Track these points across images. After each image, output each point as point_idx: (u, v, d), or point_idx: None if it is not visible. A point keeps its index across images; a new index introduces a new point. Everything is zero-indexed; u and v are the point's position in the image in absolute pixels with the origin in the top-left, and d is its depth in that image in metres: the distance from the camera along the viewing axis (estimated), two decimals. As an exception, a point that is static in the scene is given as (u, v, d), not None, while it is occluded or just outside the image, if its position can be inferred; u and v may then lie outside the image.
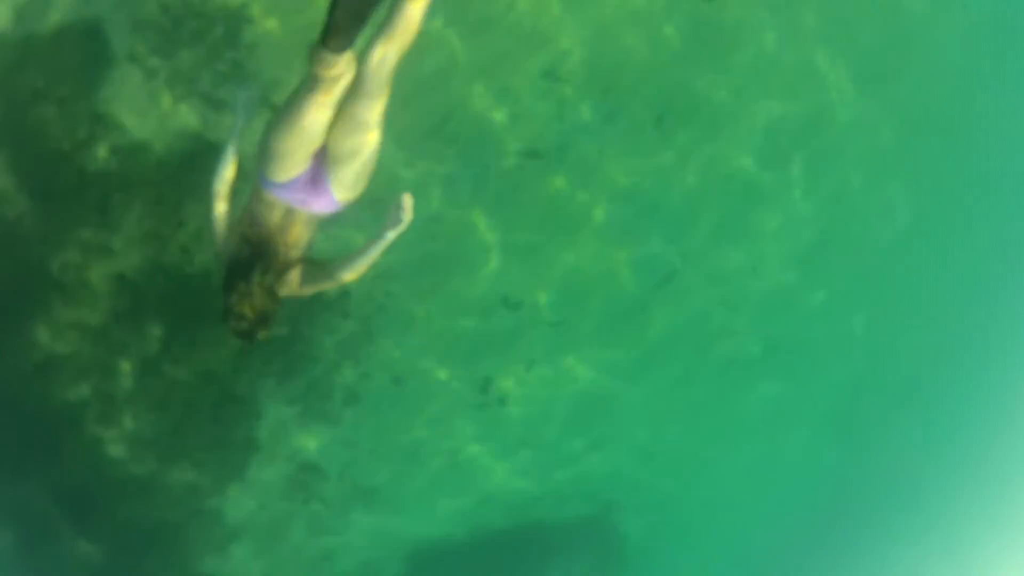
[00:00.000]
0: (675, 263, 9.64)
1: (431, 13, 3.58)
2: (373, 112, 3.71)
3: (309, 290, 4.06)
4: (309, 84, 3.59)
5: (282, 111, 3.68)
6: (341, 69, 3.53)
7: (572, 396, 10.34)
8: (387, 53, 3.61)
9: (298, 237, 3.93)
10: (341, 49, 3.44)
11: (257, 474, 9.38)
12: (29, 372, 8.36)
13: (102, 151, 7.18)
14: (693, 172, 9.03)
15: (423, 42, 3.63)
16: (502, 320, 9.02)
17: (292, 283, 3.96)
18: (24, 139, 7.16)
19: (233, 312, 3.73)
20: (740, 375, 11.61)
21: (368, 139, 3.76)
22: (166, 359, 8.23)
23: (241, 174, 4.14)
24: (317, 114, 3.60)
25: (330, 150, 3.73)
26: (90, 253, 7.66)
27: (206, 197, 4.18)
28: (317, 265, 4.02)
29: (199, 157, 7.19)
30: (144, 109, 7.02)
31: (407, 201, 3.78)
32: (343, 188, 3.82)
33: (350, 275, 3.93)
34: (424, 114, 7.46)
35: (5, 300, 7.97)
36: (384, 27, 3.63)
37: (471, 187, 7.96)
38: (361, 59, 3.66)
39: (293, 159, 3.67)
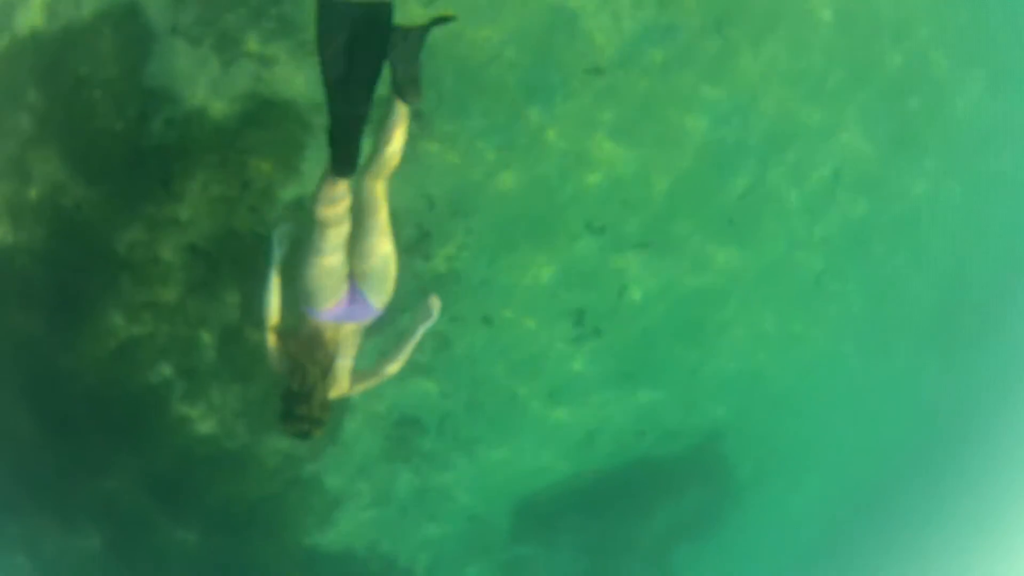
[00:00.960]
0: (761, 175, 10.00)
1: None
2: (380, 226, 4.74)
3: (359, 389, 5.30)
4: (320, 228, 4.55)
5: (305, 258, 4.66)
6: (343, 202, 4.50)
7: (667, 323, 10.76)
8: (376, 184, 4.67)
9: (349, 346, 5.07)
10: (349, 172, 4.37)
11: (353, 434, 10.09)
12: (106, 360, 9.12)
13: (156, 125, 7.76)
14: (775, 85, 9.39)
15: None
16: (588, 246, 9.48)
17: (343, 385, 5.14)
18: (74, 127, 7.78)
19: (294, 426, 4.89)
20: (838, 290, 12.05)
21: (385, 249, 4.80)
22: (247, 324, 8.86)
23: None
24: (336, 251, 4.63)
25: (356, 270, 4.78)
26: (157, 228, 8.30)
27: (258, 325, 5.26)
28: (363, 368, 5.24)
29: (257, 115, 7.80)
30: (194, 77, 7.56)
31: (435, 301, 5.33)
32: (379, 295, 4.92)
33: (393, 368, 5.34)
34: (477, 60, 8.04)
35: (75, 290, 8.70)
36: (370, 164, 4.64)
37: (542, 107, 8.44)
38: (356, 190, 4.65)
39: (331, 290, 4.71)
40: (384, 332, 7.21)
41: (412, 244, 8.60)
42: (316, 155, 7.65)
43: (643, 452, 12.44)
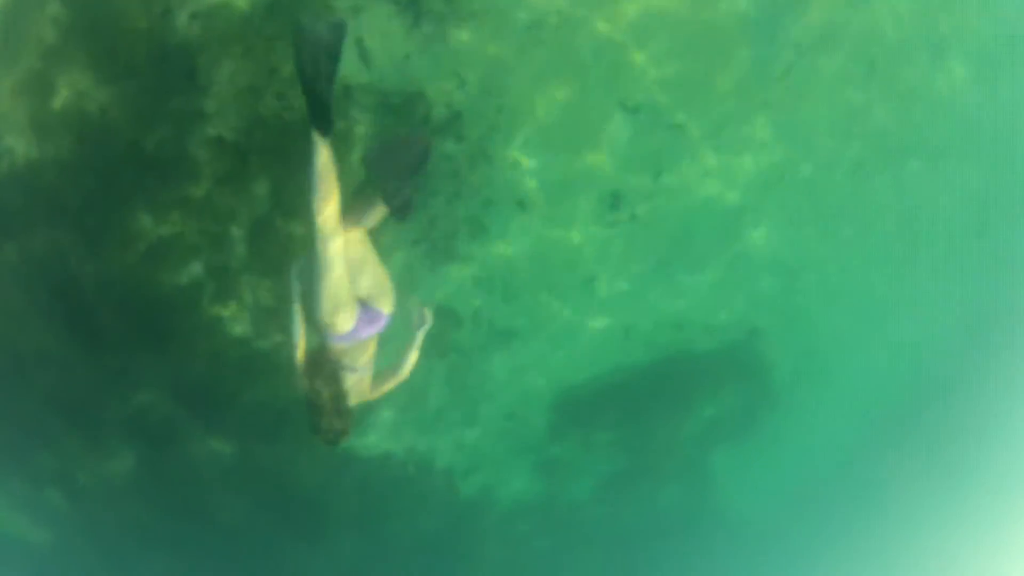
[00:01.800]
0: (794, 57, 10.52)
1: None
2: (370, 254, 6.07)
3: (377, 394, 6.45)
4: (323, 241, 5.47)
5: (316, 282, 5.58)
6: (334, 199, 5.47)
7: (706, 211, 11.40)
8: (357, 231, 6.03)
9: (370, 356, 6.13)
10: (329, 128, 5.29)
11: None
12: (135, 265, 9.86)
13: (181, 20, 8.39)
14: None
15: None
16: (621, 127, 10.10)
17: (365, 392, 6.22)
18: (98, 31, 8.41)
19: (323, 436, 6.05)
20: (879, 180, 12.59)
21: (377, 268, 6.07)
22: (277, 215, 9.61)
23: None
24: (340, 262, 5.54)
25: (359, 293, 5.83)
26: (184, 123, 8.95)
27: (290, 367, 6.29)
28: (378, 373, 6.37)
29: (282, 1, 8.60)
30: (216, -33, 8.21)
31: (426, 311, 6.65)
32: (387, 301, 6.02)
33: (404, 373, 6.66)
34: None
35: (102, 197, 9.37)
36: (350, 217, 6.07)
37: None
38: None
39: (345, 312, 5.69)
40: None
41: (443, 125, 9.25)
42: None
43: (680, 348, 13.22)
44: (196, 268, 10.06)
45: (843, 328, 14.67)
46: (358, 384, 6.14)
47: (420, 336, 6.62)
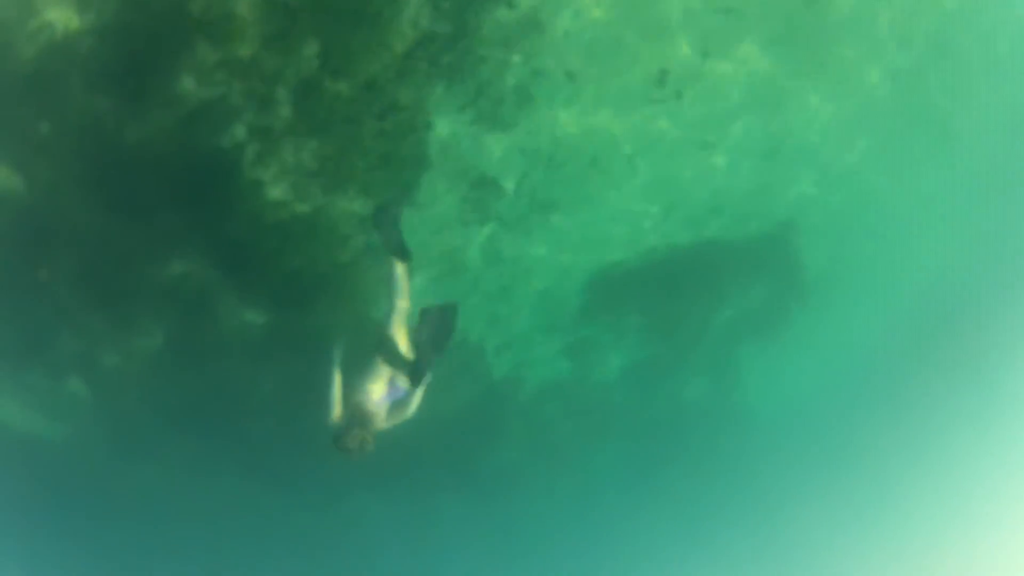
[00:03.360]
0: None
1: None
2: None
3: (390, 424, 8.12)
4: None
5: (358, 378, 8.17)
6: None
7: (749, 94, 11.65)
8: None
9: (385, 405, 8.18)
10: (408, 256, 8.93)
11: (430, 194, 11.25)
12: (176, 129, 10.15)
13: None
14: None
15: None
16: (674, 6, 10.35)
17: (381, 423, 8.00)
18: None
19: (344, 454, 7.79)
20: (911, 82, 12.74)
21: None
22: (325, 75, 9.86)
23: None
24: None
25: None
26: None
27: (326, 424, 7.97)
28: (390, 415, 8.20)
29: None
30: None
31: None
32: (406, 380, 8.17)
33: (412, 410, 8.22)
34: None
35: (144, 62, 9.59)
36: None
37: None
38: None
39: (380, 389, 8.12)
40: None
41: (496, -8, 9.44)
42: None
43: (716, 233, 13.63)
44: (239, 130, 10.34)
45: (876, 235, 15.01)
46: (379, 423, 8.10)
47: (421, 391, 8.27)
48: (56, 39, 9.22)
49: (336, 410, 8.10)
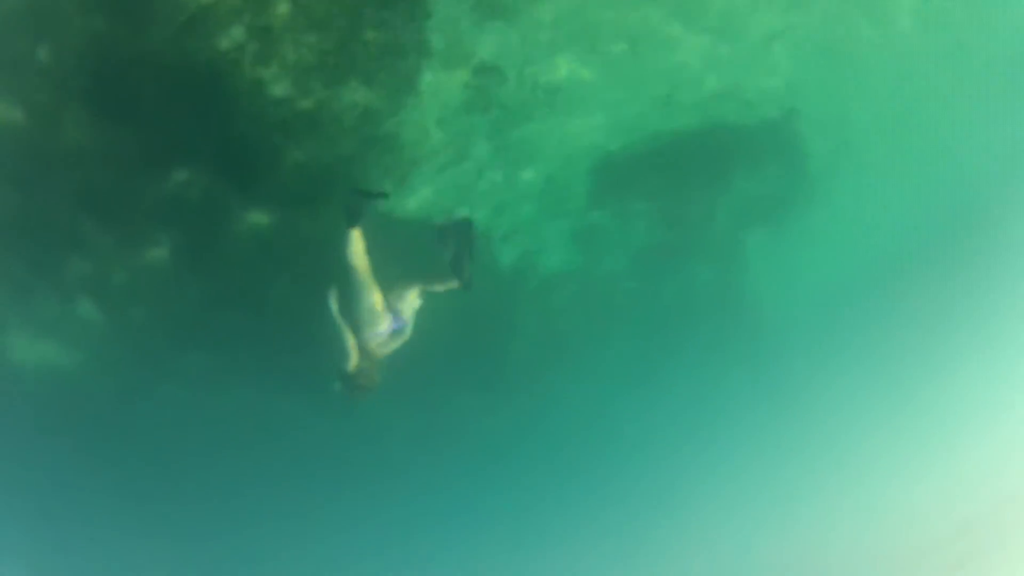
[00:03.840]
0: None
1: None
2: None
3: (391, 350, 9.02)
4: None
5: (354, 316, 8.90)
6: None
7: None
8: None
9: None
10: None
11: (432, 84, 11.27)
12: (175, 38, 10.18)
13: None
14: None
15: None
16: None
17: (384, 353, 8.94)
18: None
19: (353, 393, 8.86)
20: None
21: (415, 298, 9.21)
22: None
23: None
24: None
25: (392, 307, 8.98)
26: None
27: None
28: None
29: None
30: None
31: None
32: (410, 313, 9.09)
33: (408, 334, 9.08)
34: None
35: None
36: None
37: None
38: None
39: (383, 322, 8.95)
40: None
41: None
42: None
43: (722, 118, 13.70)
44: (237, 32, 10.40)
45: (883, 128, 15.02)
46: (380, 350, 8.96)
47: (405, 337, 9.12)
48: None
49: (352, 357, 8.81)
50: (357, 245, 8.81)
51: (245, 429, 16.53)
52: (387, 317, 8.90)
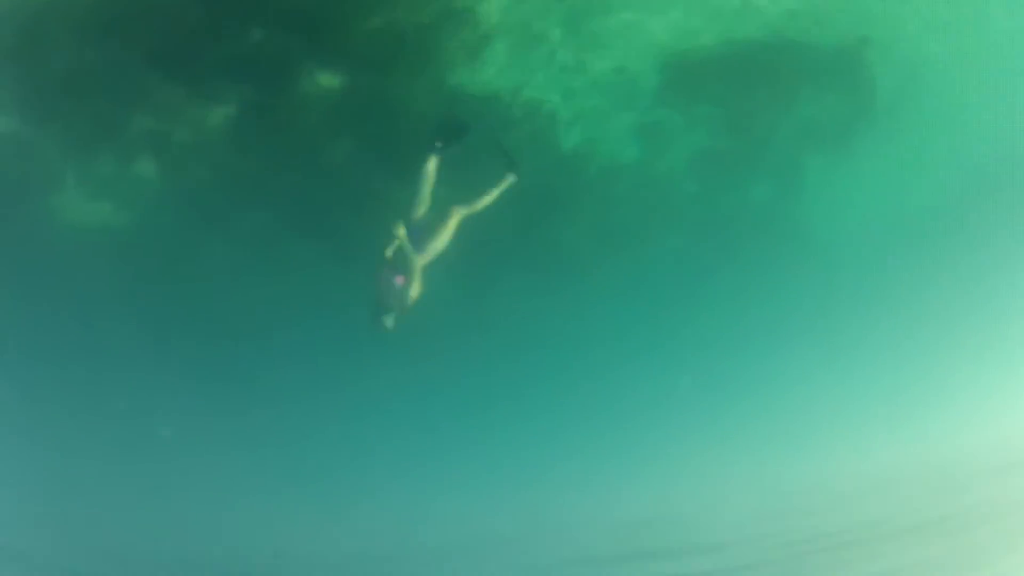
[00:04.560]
0: None
1: None
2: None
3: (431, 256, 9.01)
4: None
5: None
6: None
7: None
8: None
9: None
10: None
11: None
12: None
13: None
14: None
15: None
16: None
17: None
18: None
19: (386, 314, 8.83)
20: None
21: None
22: None
23: None
24: None
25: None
26: None
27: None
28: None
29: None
30: None
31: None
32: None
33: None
34: None
35: None
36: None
37: None
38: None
39: None
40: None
41: None
42: None
43: (793, 36, 13.73)
44: None
45: (955, 69, 14.84)
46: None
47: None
48: None
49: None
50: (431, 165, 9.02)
51: (295, 292, 16.83)
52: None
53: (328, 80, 12.85)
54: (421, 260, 8.82)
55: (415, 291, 8.79)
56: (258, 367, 18.30)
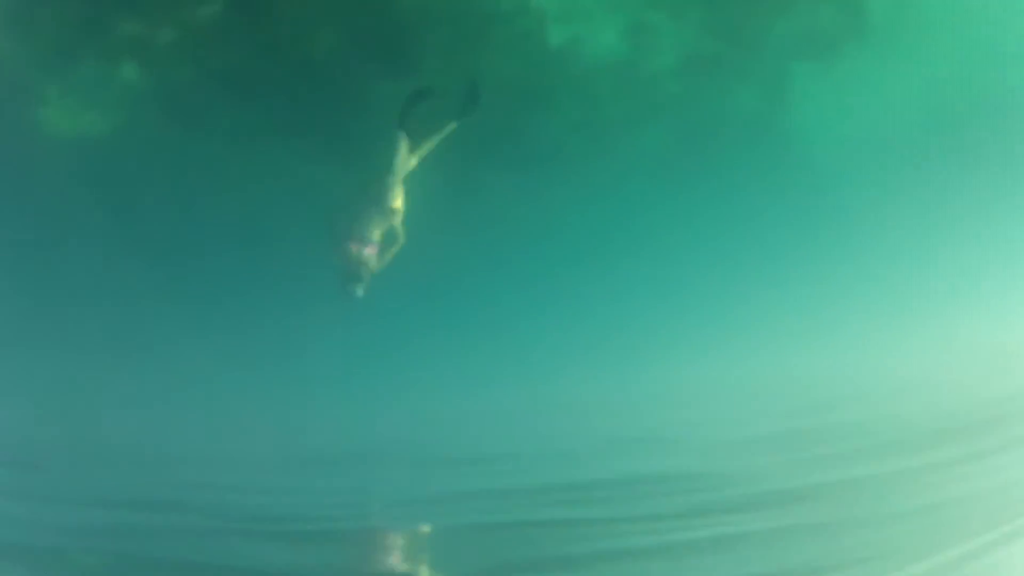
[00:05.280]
0: None
1: None
2: None
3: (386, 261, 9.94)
4: None
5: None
6: None
7: None
8: None
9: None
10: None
11: None
12: None
13: None
14: None
15: None
16: None
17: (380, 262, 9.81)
18: None
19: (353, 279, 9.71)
20: None
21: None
22: None
23: None
24: None
25: None
26: None
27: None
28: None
29: None
30: None
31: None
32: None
33: (402, 240, 10.10)
34: None
35: None
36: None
37: None
38: None
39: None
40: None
41: None
42: None
43: None
44: None
45: None
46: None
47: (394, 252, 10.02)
48: None
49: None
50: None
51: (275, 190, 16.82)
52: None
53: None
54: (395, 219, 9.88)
55: (396, 246, 9.89)
56: (247, 270, 18.17)
